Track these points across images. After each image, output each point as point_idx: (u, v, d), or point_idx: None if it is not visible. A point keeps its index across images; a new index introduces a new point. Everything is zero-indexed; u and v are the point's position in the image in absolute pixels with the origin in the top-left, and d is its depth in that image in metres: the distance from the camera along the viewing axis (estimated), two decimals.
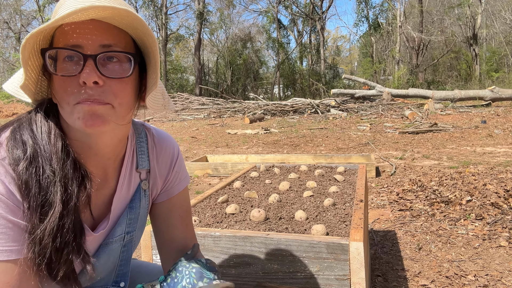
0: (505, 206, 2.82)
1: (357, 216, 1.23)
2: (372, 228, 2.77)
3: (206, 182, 4.62)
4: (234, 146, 7.57)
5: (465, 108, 12.43)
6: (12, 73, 4.04)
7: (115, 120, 0.69)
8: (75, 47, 0.64)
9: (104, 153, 0.77)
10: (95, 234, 0.79)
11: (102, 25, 0.66)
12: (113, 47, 0.67)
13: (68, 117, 0.67)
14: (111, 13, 0.62)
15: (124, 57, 0.68)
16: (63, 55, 0.65)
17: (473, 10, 25.51)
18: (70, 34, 0.64)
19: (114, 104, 0.67)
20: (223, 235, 1.14)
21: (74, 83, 0.65)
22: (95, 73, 0.64)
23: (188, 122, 13.00)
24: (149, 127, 0.92)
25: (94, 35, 0.65)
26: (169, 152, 0.93)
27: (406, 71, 25.09)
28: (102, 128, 0.67)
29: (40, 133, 0.69)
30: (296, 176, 1.95)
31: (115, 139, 0.77)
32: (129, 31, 0.69)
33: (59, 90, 0.66)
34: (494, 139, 6.84)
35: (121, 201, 0.84)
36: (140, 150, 0.87)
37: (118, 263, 0.87)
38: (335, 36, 47.23)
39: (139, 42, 0.72)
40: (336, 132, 8.72)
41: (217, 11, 32.74)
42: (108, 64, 0.67)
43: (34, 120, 0.70)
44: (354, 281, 1.01)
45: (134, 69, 0.69)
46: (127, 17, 0.64)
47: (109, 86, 0.66)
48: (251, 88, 31.76)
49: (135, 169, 0.86)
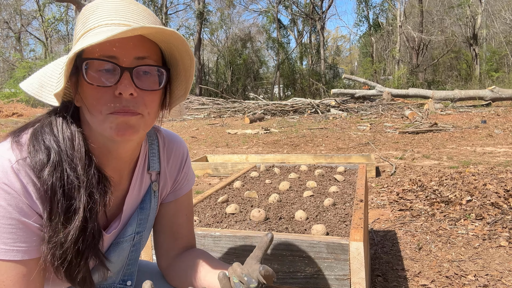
0: (505, 206, 2.82)
1: (357, 216, 1.23)
2: (372, 228, 2.77)
3: (206, 182, 4.62)
4: (234, 146, 7.57)
5: (465, 108, 12.43)
6: (12, 73, 4.07)
7: (144, 129, 0.72)
8: (111, 58, 0.66)
9: (123, 157, 0.79)
10: (107, 234, 0.80)
11: (138, 38, 0.68)
12: (147, 60, 0.69)
13: (99, 124, 0.68)
14: (156, 32, 0.65)
15: (156, 70, 0.71)
16: (98, 65, 0.66)
17: (473, 10, 25.50)
18: (107, 45, 0.65)
19: (144, 113, 0.70)
20: (223, 235, 1.14)
21: (108, 93, 0.67)
22: (131, 86, 0.67)
23: (188, 122, 13.00)
24: (159, 129, 0.94)
25: (130, 47, 0.67)
26: (179, 153, 0.95)
27: (406, 71, 25.07)
28: (132, 137, 0.70)
29: (63, 138, 0.69)
30: (296, 176, 1.95)
31: (135, 145, 0.79)
32: (162, 44, 0.72)
33: (91, 99, 0.67)
34: (494, 139, 6.84)
35: (132, 202, 0.85)
36: (152, 152, 0.89)
37: (127, 262, 0.88)
38: (335, 36, 47.26)
39: (167, 54, 0.74)
40: (336, 132, 8.72)
41: (217, 11, 32.77)
42: (142, 77, 0.69)
43: (56, 124, 0.71)
44: (354, 281, 1.01)
45: (165, 82, 0.73)
46: (168, 36, 0.66)
47: (141, 97, 0.69)
48: (251, 88, 31.75)
49: (147, 171, 0.88)
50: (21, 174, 0.65)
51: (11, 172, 0.64)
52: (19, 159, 0.65)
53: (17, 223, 0.64)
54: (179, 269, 0.91)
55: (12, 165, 0.64)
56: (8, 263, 0.64)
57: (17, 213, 0.64)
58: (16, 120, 14.92)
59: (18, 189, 0.64)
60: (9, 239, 0.64)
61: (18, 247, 0.64)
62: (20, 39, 32.75)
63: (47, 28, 30.60)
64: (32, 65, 24.23)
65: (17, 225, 0.64)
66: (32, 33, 33.14)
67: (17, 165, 0.65)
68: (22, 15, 32.13)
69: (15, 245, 0.64)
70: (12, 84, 22.90)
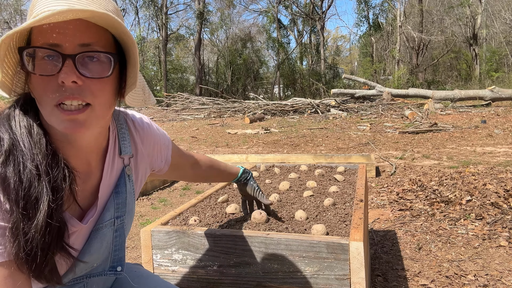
0: (505, 206, 2.82)
1: (357, 216, 1.23)
2: (372, 228, 2.77)
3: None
4: (234, 146, 7.57)
5: (465, 108, 12.43)
6: None
7: (96, 122, 0.69)
8: (54, 46, 0.63)
9: (85, 147, 0.77)
10: (84, 224, 0.79)
11: (83, 23, 0.64)
12: (93, 46, 0.66)
13: (48, 116, 0.66)
14: (90, 15, 0.62)
15: (104, 56, 0.67)
16: (41, 53, 0.64)
17: (473, 10, 25.51)
18: (49, 33, 0.63)
19: (94, 103, 0.67)
20: (223, 235, 1.14)
21: (52, 82, 0.64)
22: (74, 73, 0.64)
23: (188, 122, 13.00)
24: (126, 112, 0.92)
25: (73, 34, 0.64)
26: (152, 132, 0.96)
27: (406, 71, 25.08)
28: (84, 133, 0.68)
29: (19, 128, 0.68)
30: (296, 176, 1.95)
31: (95, 134, 0.77)
32: (110, 29, 0.68)
33: (38, 89, 0.66)
34: (494, 139, 6.84)
35: (107, 188, 0.84)
36: (122, 136, 0.88)
37: (113, 249, 0.88)
38: (335, 36, 47.23)
39: (119, 39, 0.71)
40: (336, 132, 8.72)
41: (217, 11, 32.76)
42: (87, 64, 0.66)
43: (13, 116, 0.69)
44: (354, 281, 1.01)
45: (114, 69, 0.69)
46: (109, 20, 0.64)
47: (88, 85, 0.66)
48: (251, 88, 31.74)
49: (118, 156, 0.87)
50: None
51: None
52: None
53: None
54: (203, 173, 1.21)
55: None
56: None
57: None
58: None
59: None
60: None
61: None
62: None
63: None
64: None
65: None
66: None
67: None
68: (22, 15, 32.14)
69: None
70: None
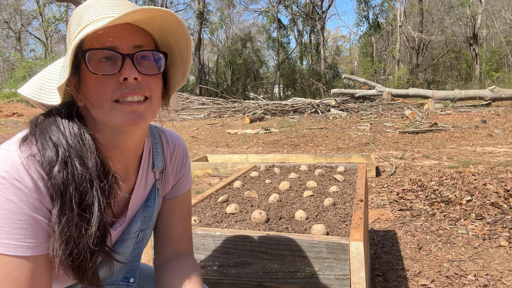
0: (505, 206, 2.82)
1: (357, 216, 1.23)
2: (372, 228, 2.77)
3: (206, 182, 4.62)
4: (234, 146, 7.57)
5: (465, 108, 12.43)
6: (12, 73, 4.05)
7: (151, 116, 0.75)
8: (111, 48, 0.68)
9: (128, 150, 0.80)
10: (114, 231, 0.81)
11: (133, 28, 0.71)
12: (144, 47, 0.72)
13: (106, 115, 0.70)
14: (150, 16, 0.67)
15: (156, 55, 0.74)
16: (98, 56, 0.68)
17: (473, 10, 25.49)
18: (104, 37, 0.68)
19: (152, 97, 0.73)
20: (223, 235, 1.14)
21: (112, 81, 0.69)
22: (135, 71, 0.69)
23: (188, 121, 13.00)
24: (162, 129, 0.96)
25: (127, 37, 0.70)
26: (181, 152, 0.97)
27: (406, 71, 25.07)
28: (141, 125, 0.73)
29: (70, 134, 0.70)
30: (296, 176, 1.95)
31: (140, 136, 0.81)
32: (155, 32, 0.75)
33: (96, 90, 0.69)
34: (494, 139, 6.84)
35: (138, 199, 0.86)
36: (156, 151, 0.91)
37: (130, 260, 0.89)
38: (335, 36, 47.24)
39: (162, 42, 0.78)
40: (336, 132, 8.72)
41: (217, 11, 32.74)
42: (142, 63, 0.72)
43: (61, 122, 0.72)
44: (354, 281, 1.01)
45: (165, 66, 0.75)
46: (161, 19, 0.69)
47: (145, 81, 0.72)
48: (251, 88, 31.72)
49: (151, 169, 0.89)
50: (31, 170, 0.65)
51: (22, 168, 0.65)
52: (28, 155, 0.66)
53: (28, 219, 0.64)
54: (163, 277, 0.91)
55: (22, 161, 0.65)
56: (20, 260, 0.64)
57: (28, 208, 0.64)
58: (16, 120, 14.92)
59: (29, 185, 0.65)
60: (20, 235, 0.64)
61: (29, 243, 0.65)
62: (20, 39, 32.75)
63: (47, 28, 30.61)
64: (32, 65, 24.23)
65: (28, 221, 0.64)
66: (32, 33, 33.17)
67: (27, 161, 0.65)
68: (22, 15, 32.14)
69: (25, 241, 0.64)
70: (12, 84, 22.89)
